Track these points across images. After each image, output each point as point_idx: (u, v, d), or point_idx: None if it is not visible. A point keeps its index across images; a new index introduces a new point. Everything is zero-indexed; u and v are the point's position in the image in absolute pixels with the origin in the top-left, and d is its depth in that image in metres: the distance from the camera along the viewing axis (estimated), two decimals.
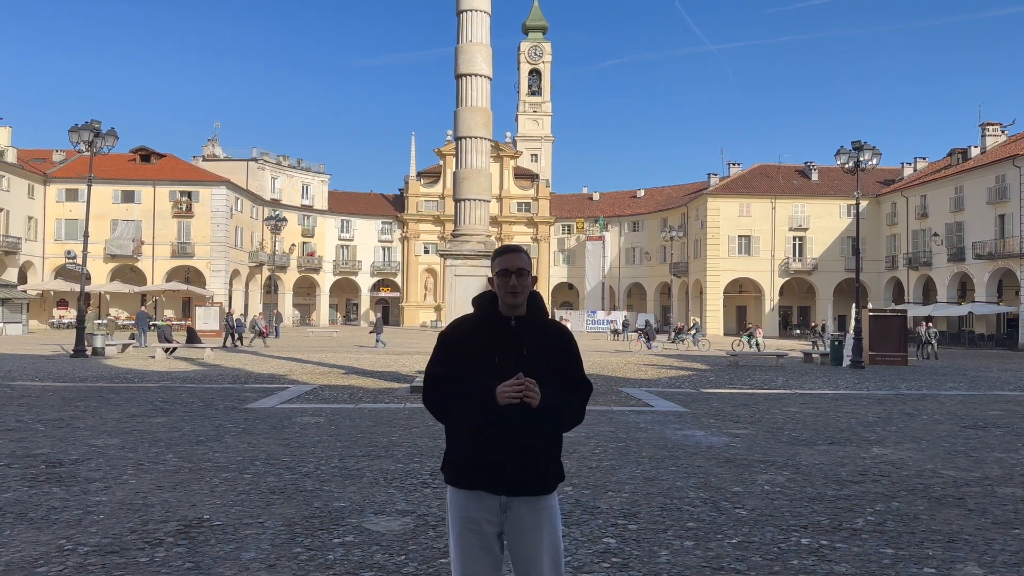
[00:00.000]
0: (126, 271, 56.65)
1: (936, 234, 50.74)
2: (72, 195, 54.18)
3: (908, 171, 60.58)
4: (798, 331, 58.73)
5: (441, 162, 72.63)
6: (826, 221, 59.20)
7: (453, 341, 2.85)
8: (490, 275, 2.87)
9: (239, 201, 60.61)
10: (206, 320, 42.12)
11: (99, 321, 42.15)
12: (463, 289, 15.06)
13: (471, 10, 15.88)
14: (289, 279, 68.39)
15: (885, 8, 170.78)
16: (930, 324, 34.20)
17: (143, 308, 36.77)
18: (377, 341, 33.28)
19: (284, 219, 50.14)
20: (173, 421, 10.77)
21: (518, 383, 2.61)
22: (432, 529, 5.51)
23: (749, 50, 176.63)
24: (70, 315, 51.23)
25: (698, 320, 50.08)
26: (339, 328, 61.73)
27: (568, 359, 2.86)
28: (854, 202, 28.79)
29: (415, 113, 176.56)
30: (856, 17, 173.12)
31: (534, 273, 2.87)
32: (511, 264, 2.79)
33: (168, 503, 6.17)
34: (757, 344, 38.24)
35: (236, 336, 33.65)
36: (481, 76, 15.91)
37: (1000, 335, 45.68)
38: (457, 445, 2.81)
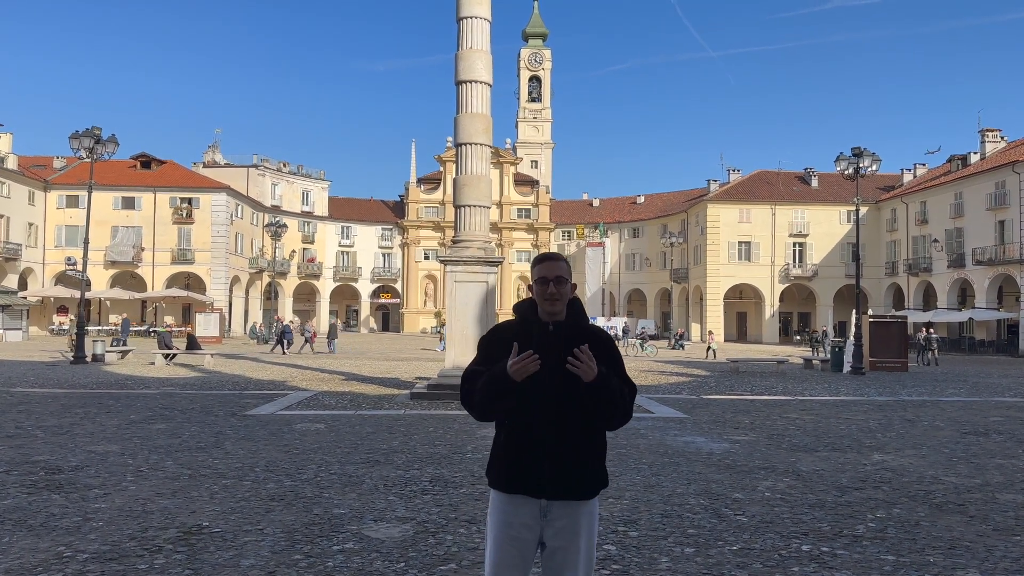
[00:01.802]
0: (126, 277, 56.64)
1: (936, 240, 50.76)
2: (72, 201, 54.21)
3: (908, 177, 60.63)
4: (798, 337, 58.69)
5: (441, 168, 72.70)
6: (826, 227, 59.20)
7: (493, 344, 2.88)
8: (530, 283, 2.91)
9: (239, 207, 60.64)
10: (206, 326, 42.17)
11: (64, 327, 42.37)
12: (463, 295, 15.04)
13: (471, 17, 15.91)
14: (289, 285, 68.38)
15: (885, 14, 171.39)
16: (931, 330, 34.19)
17: (125, 315, 37.91)
18: (331, 345, 35.13)
19: (284, 225, 50.16)
20: (173, 427, 10.76)
21: (530, 358, 2.61)
22: (432, 536, 5.50)
23: (749, 56, 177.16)
24: (130, 323, 51.17)
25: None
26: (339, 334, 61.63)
27: (610, 362, 2.85)
28: (854, 208, 28.83)
29: (415, 119, 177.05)
30: (856, 24, 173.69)
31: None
32: (549, 272, 2.82)
33: (167, 510, 6.16)
34: (645, 348, 37.43)
35: (287, 343, 33.62)
36: (481, 83, 15.93)
37: (1000, 341, 45.67)
38: (498, 449, 2.84)
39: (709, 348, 36.56)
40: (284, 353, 32.20)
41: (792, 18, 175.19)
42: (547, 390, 2.70)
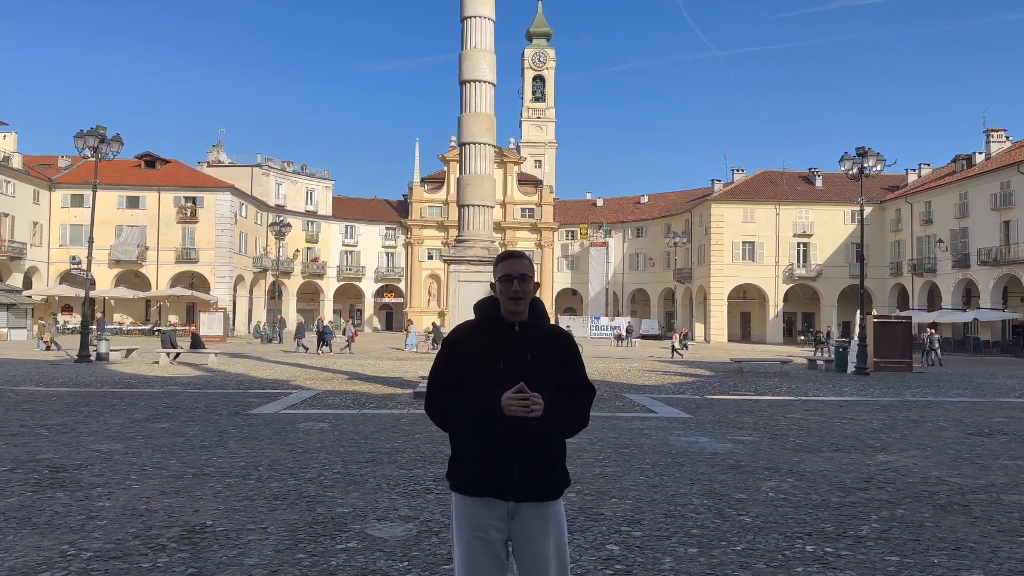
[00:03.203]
0: (131, 276, 56.78)
1: (941, 240, 50.63)
2: (77, 200, 54.35)
3: (912, 177, 60.50)
4: (802, 337, 58.61)
5: (445, 168, 72.70)
6: (830, 227, 59.11)
7: (457, 347, 2.84)
8: (492, 280, 2.87)
9: (243, 207, 60.73)
10: (210, 326, 42.25)
11: (42, 322, 42.55)
12: (467, 295, 15.06)
13: (475, 16, 15.92)
14: (293, 285, 68.47)
15: (889, 14, 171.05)
16: (932, 331, 34.11)
17: (100, 315, 38.44)
18: (299, 345, 35.11)
19: (288, 225, 50.25)
20: (176, 426, 10.78)
21: (523, 395, 2.59)
22: (435, 535, 5.50)
23: (754, 56, 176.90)
24: (74, 320, 51.35)
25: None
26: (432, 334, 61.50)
27: (572, 364, 2.86)
28: (858, 208, 28.77)
29: (419, 119, 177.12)
30: (861, 23, 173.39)
31: (537, 279, 2.87)
32: (513, 270, 2.79)
33: (171, 508, 6.17)
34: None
35: (326, 343, 33.58)
36: (485, 82, 15.94)
37: (1005, 342, 45.52)
38: (463, 452, 2.80)
39: (673, 348, 36.44)
40: (322, 353, 32.06)
41: (795, 18, 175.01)
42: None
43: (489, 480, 2.72)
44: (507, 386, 2.63)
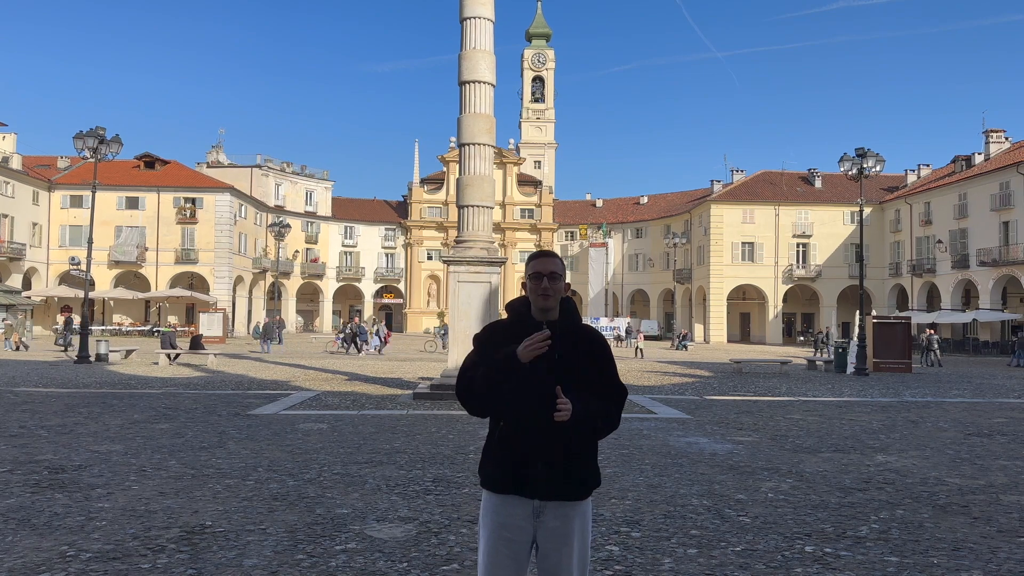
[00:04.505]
0: (130, 277, 56.76)
1: (940, 241, 50.66)
2: (76, 201, 54.35)
3: (912, 178, 60.53)
4: (802, 338, 58.62)
5: (444, 169, 72.76)
6: (830, 228, 59.13)
7: (486, 344, 2.86)
8: (523, 279, 2.91)
9: (243, 208, 60.71)
10: (210, 326, 42.25)
11: (9, 321, 42.10)
12: (466, 295, 15.04)
13: (475, 17, 15.91)
14: (293, 285, 68.45)
15: (889, 15, 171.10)
16: (932, 332, 34.13)
17: (68, 314, 38.52)
18: (266, 344, 34.88)
19: (288, 226, 50.19)
20: (176, 427, 10.77)
21: (543, 337, 2.63)
22: (435, 536, 5.50)
23: (754, 56, 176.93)
24: (74, 321, 51.27)
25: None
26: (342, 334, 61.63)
27: (602, 364, 2.85)
28: (858, 209, 28.77)
29: (418, 120, 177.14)
30: (860, 24, 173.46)
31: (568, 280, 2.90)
32: (544, 268, 2.83)
33: (171, 509, 6.16)
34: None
35: (359, 343, 33.44)
36: (484, 83, 15.93)
37: (1005, 342, 45.51)
38: (492, 449, 2.82)
39: (638, 348, 36.26)
40: (359, 353, 31.91)
41: (796, 19, 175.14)
42: (542, 389, 2.69)
43: (515, 477, 2.73)
44: (535, 383, 2.65)
